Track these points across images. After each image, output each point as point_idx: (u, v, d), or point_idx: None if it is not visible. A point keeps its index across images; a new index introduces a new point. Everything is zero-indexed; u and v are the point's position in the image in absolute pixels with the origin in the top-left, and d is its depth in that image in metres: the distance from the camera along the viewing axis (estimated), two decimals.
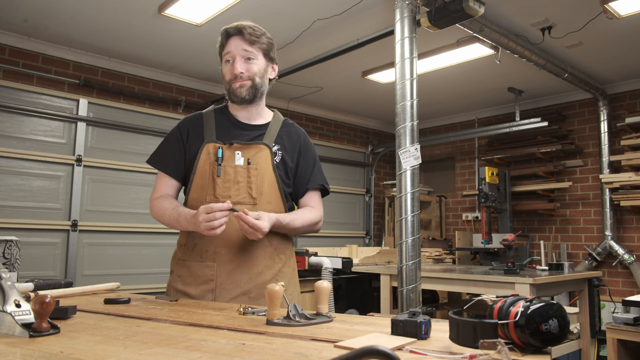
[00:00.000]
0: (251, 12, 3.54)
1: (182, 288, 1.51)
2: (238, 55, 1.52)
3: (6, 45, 4.03)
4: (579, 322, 3.26)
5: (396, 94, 2.92)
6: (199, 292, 1.48)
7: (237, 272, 1.48)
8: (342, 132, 6.39)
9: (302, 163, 1.62)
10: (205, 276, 1.48)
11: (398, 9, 2.98)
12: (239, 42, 1.52)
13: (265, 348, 0.83)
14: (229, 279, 1.47)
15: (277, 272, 1.53)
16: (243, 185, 1.50)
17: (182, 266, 1.54)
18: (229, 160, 1.51)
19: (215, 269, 1.48)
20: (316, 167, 1.65)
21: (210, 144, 1.53)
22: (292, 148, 1.60)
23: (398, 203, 2.85)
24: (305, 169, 1.62)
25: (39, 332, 0.88)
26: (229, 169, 1.50)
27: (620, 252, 4.73)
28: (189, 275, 1.51)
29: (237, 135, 1.56)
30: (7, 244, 1.70)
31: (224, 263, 1.48)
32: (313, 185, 1.63)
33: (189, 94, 5.11)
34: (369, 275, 3.80)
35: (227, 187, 1.49)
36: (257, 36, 1.52)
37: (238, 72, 1.51)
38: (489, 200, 4.81)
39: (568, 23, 3.68)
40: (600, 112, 4.95)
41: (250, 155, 1.52)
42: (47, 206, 4.13)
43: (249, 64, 1.52)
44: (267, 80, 1.59)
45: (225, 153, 1.51)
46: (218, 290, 1.47)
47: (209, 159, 1.51)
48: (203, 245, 1.50)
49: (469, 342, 0.78)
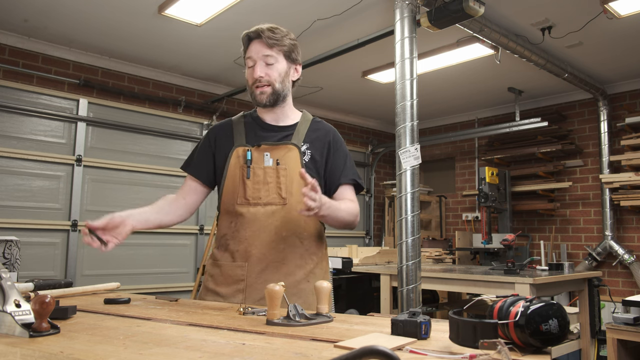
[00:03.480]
0: (251, 12, 3.54)
1: (213, 287, 1.53)
2: (258, 59, 1.52)
3: (6, 45, 4.03)
4: (579, 322, 3.26)
5: (396, 94, 2.92)
6: (230, 292, 1.49)
7: (267, 272, 1.48)
8: (342, 132, 6.30)
9: (332, 159, 1.60)
10: (236, 276, 1.49)
11: (398, 9, 2.98)
12: (258, 46, 1.52)
13: (266, 348, 0.83)
14: (259, 279, 1.48)
15: (308, 272, 1.53)
16: (272, 186, 1.50)
17: (215, 266, 1.56)
18: (258, 161, 1.52)
19: (246, 269, 1.49)
20: (348, 162, 1.63)
21: (239, 148, 1.54)
22: (322, 145, 1.59)
23: (398, 203, 2.85)
24: (337, 165, 1.60)
25: (39, 332, 0.88)
26: (258, 170, 1.51)
27: (620, 252, 4.73)
28: (220, 275, 1.53)
29: (266, 137, 1.56)
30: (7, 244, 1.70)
31: (255, 263, 1.49)
32: (345, 180, 1.60)
33: (189, 94, 5.11)
34: (369, 275, 3.80)
35: (257, 188, 1.50)
36: (277, 39, 1.52)
37: (257, 76, 1.51)
38: (489, 200, 4.81)
39: (568, 23, 3.68)
40: (600, 112, 4.95)
41: (279, 156, 1.52)
42: (47, 206, 4.13)
43: (268, 69, 1.52)
44: (289, 83, 1.58)
45: (254, 155, 1.52)
46: (248, 290, 1.48)
47: (239, 162, 1.53)
48: (234, 245, 1.51)
49: (469, 342, 0.78)
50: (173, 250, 4.77)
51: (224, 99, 5.14)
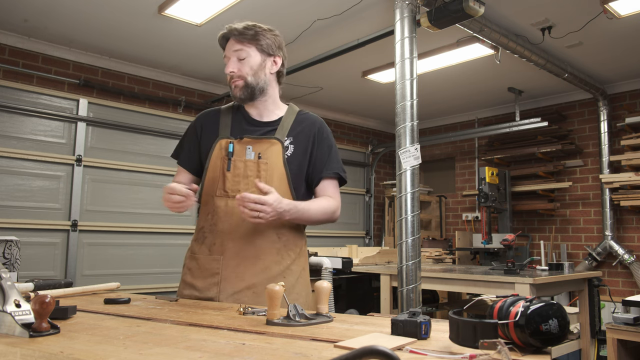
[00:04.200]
0: (251, 12, 3.54)
1: (190, 280, 1.53)
2: (231, 55, 1.55)
3: (6, 45, 4.03)
4: (579, 322, 3.26)
5: (396, 94, 2.92)
6: (205, 285, 1.49)
7: (243, 267, 1.48)
8: (342, 132, 6.39)
9: (316, 151, 1.59)
10: (212, 269, 1.49)
11: (398, 9, 2.98)
12: (231, 43, 1.55)
13: (266, 348, 0.83)
14: (233, 273, 1.48)
15: (285, 268, 1.52)
16: (252, 180, 1.50)
17: (192, 259, 1.56)
18: (240, 154, 1.53)
19: (221, 263, 1.49)
20: (332, 154, 1.62)
21: (223, 140, 1.55)
22: (306, 139, 1.59)
23: (398, 203, 2.85)
24: (320, 157, 1.59)
25: (39, 332, 0.88)
26: (239, 163, 1.52)
27: (620, 252, 4.73)
28: (197, 268, 1.53)
29: (250, 131, 1.57)
30: (7, 244, 1.70)
31: (231, 257, 1.49)
32: (328, 174, 1.59)
33: (189, 94, 5.11)
34: (369, 275, 3.80)
35: (236, 181, 1.51)
36: (248, 34, 1.53)
37: (228, 72, 1.54)
38: (489, 200, 4.81)
39: (568, 23, 3.68)
40: (600, 112, 4.95)
41: (261, 150, 1.53)
42: (47, 206, 4.13)
43: (240, 64, 1.54)
44: (265, 76, 1.58)
45: (236, 148, 1.53)
46: (223, 283, 1.47)
47: (221, 154, 1.54)
48: (211, 238, 1.52)
49: (469, 342, 0.78)
50: (173, 250, 4.77)
51: (224, 99, 5.14)
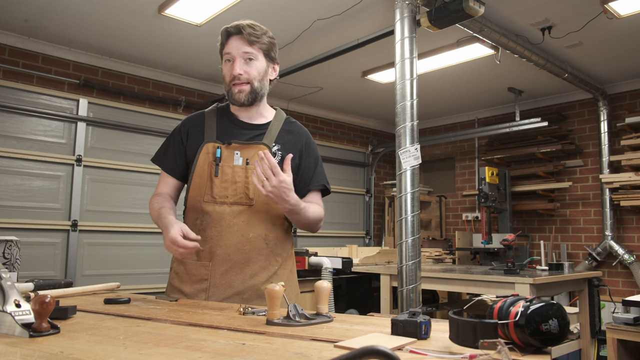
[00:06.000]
0: (251, 12, 3.54)
1: (178, 285, 1.52)
2: (238, 56, 1.50)
3: (6, 45, 4.03)
4: (579, 322, 3.26)
5: (396, 94, 2.92)
6: (193, 291, 1.49)
7: (231, 273, 1.48)
8: (342, 132, 6.39)
9: (304, 163, 1.60)
10: (200, 275, 1.49)
11: (398, 9, 2.98)
12: (238, 42, 1.50)
13: (265, 348, 0.83)
14: (222, 279, 1.47)
15: (272, 274, 1.52)
16: (240, 186, 1.49)
17: (180, 264, 1.55)
18: (228, 160, 1.51)
19: (210, 269, 1.48)
20: (318, 167, 1.64)
21: (209, 144, 1.53)
22: (294, 148, 1.58)
23: (398, 203, 2.85)
24: (308, 170, 1.61)
25: (39, 332, 0.88)
26: (227, 169, 1.50)
27: (620, 252, 4.73)
28: (185, 273, 1.52)
29: (238, 135, 1.55)
30: (7, 244, 1.70)
31: (219, 263, 1.48)
32: (315, 186, 1.61)
33: (189, 94, 5.11)
34: (369, 275, 3.80)
35: (224, 187, 1.49)
36: (257, 36, 1.50)
37: (237, 73, 1.49)
38: (489, 200, 4.81)
39: (568, 23, 3.68)
40: (600, 112, 4.95)
41: (249, 156, 1.51)
42: (47, 206, 4.13)
43: (248, 66, 1.50)
44: (267, 82, 1.57)
45: (223, 153, 1.51)
46: (211, 289, 1.47)
47: (208, 159, 1.51)
48: (200, 244, 1.50)
49: (469, 342, 0.78)
50: None
51: (224, 99, 5.13)
